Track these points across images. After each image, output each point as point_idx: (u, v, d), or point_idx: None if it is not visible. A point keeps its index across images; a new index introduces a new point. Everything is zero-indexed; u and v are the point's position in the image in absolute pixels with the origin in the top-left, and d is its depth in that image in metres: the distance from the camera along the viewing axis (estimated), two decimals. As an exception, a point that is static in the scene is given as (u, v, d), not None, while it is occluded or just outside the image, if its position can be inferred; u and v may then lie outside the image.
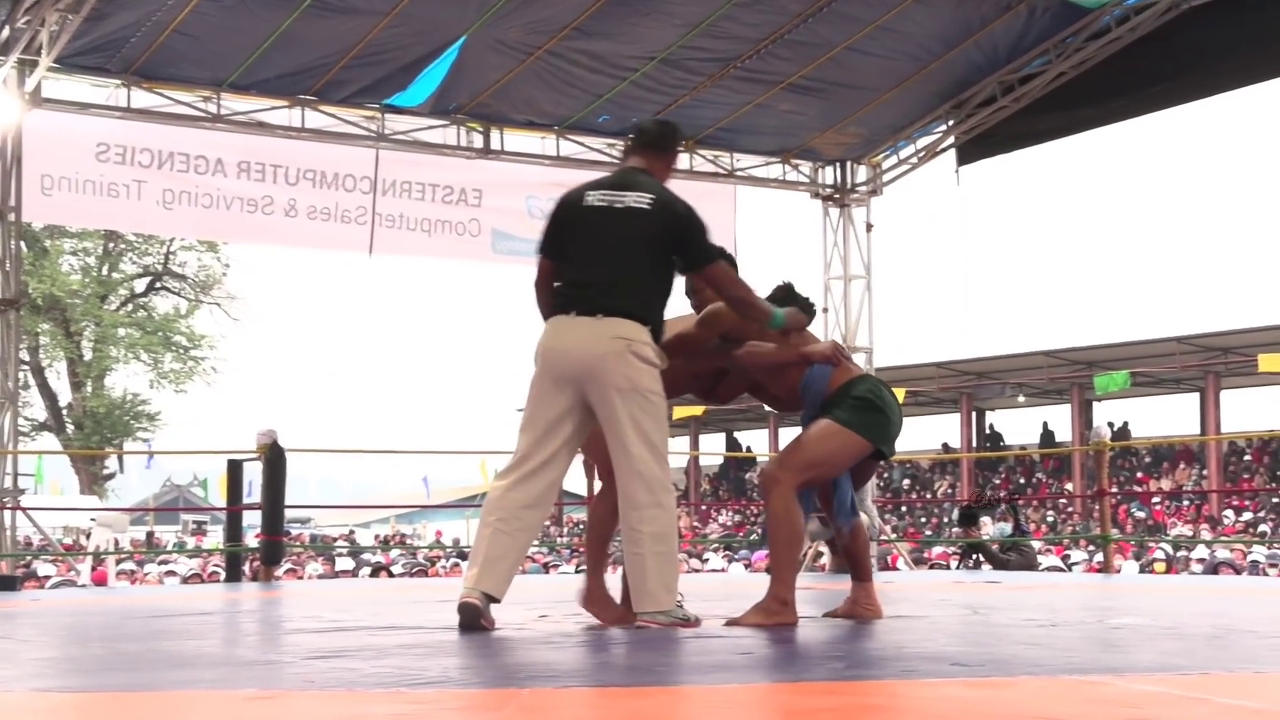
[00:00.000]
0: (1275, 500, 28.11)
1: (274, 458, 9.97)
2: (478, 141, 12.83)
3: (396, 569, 16.29)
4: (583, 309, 4.68)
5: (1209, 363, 30.44)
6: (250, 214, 12.23)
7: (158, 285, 34.47)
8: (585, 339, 4.65)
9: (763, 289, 5.12)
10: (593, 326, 4.65)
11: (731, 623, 4.85)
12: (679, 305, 5.27)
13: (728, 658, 3.76)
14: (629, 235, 4.74)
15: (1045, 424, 34.78)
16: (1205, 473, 30.95)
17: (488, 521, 4.62)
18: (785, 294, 5.18)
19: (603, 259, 4.73)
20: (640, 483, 4.63)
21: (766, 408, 6.55)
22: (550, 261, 4.88)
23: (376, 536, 34.17)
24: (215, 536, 31.84)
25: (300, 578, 15.36)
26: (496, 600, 4.61)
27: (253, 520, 11.70)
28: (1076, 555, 17.34)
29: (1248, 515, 28.03)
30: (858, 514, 5.18)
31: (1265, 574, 13.95)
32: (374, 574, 15.21)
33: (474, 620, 4.51)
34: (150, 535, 30.07)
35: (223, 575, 13.25)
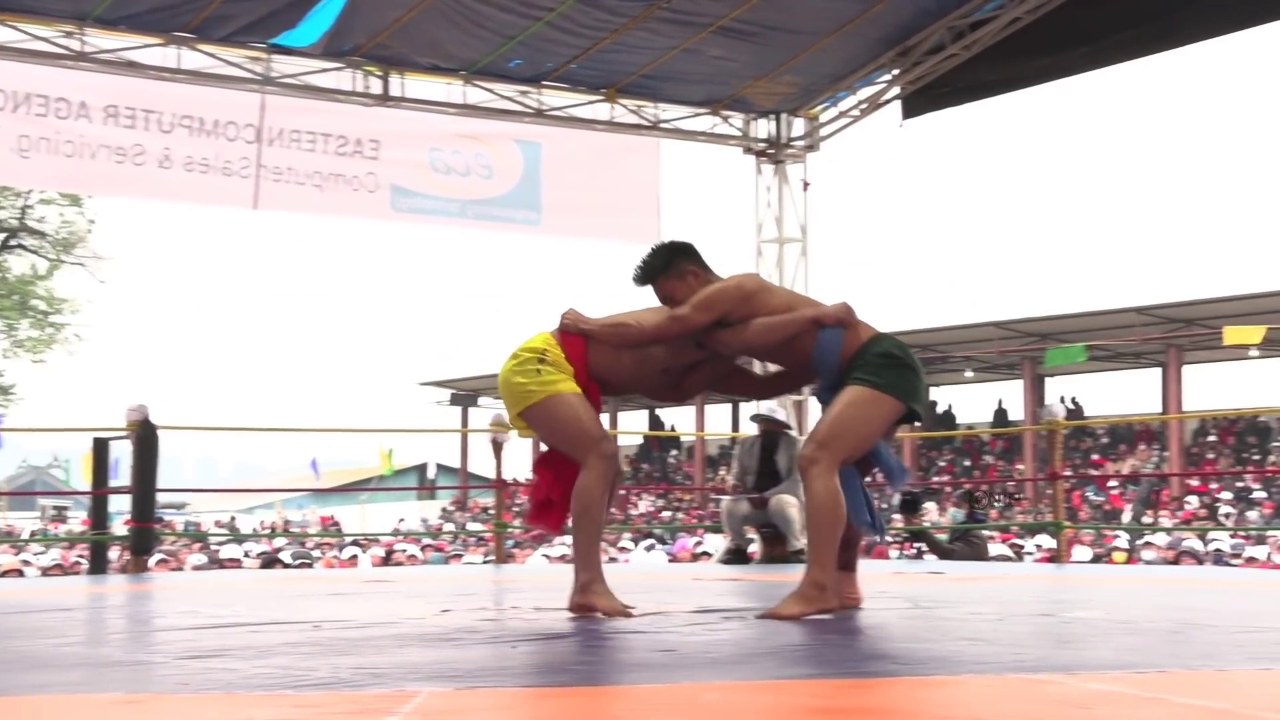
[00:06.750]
0: (1240, 485, 28.58)
1: (145, 436, 9.86)
2: (375, 87, 12.73)
3: (284, 558, 16.21)
4: None
5: (1171, 335, 30.85)
6: (119, 164, 12.06)
7: (13, 243, 33.88)
8: None
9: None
10: None
11: (767, 614, 4.87)
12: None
13: (647, 655, 3.77)
14: None
15: (1000, 402, 35.17)
16: (1166, 454, 31.42)
17: None
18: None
19: None
20: None
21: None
22: None
23: (261, 523, 33.95)
24: (77, 523, 31.50)
25: (176, 568, 15.22)
26: None
27: (120, 505, 11.58)
28: (1028, 544, 17.55)
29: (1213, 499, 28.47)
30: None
31: (1229, 564, 14.19)
32: (266, 565, 15.12)
33: None
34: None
35: (86, 566, 13.10)
